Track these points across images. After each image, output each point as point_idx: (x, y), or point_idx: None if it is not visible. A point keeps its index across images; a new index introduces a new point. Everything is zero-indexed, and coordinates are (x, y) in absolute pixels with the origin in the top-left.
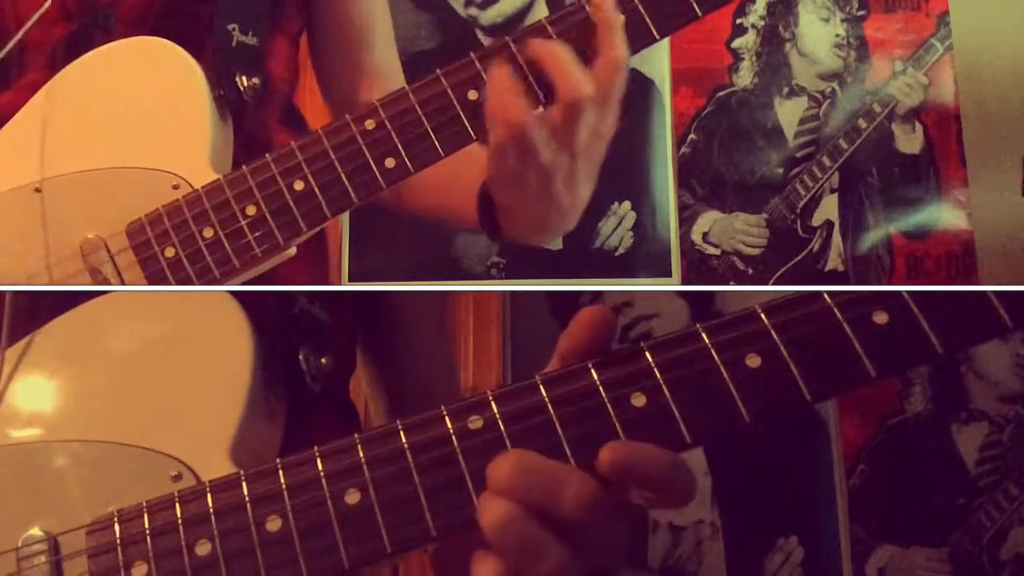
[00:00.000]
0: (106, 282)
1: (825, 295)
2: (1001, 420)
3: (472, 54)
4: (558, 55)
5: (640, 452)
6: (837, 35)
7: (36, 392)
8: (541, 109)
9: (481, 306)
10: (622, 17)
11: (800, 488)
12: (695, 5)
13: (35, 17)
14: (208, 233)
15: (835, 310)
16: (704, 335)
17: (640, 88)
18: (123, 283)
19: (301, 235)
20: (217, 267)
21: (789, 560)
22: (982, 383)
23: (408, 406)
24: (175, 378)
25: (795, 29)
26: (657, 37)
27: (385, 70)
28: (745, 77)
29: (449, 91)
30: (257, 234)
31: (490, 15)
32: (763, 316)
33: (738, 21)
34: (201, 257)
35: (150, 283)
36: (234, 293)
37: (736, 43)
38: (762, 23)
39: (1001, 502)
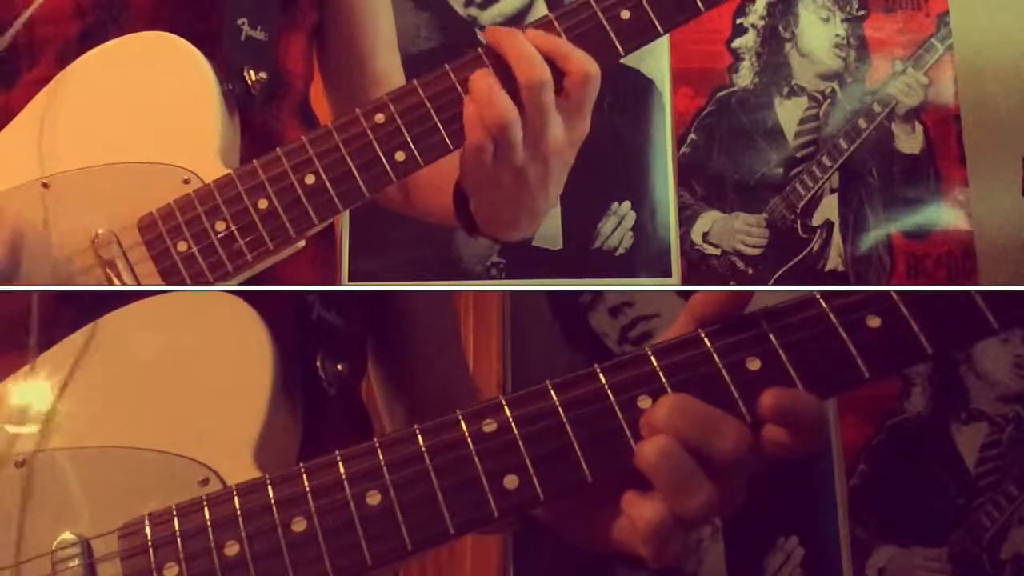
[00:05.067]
0: (119, 276)
1: (820, 300)
2: (1001, 420)
3: (479, 48)
4: (518, 44)
5: (798, 396)
6: (837, 35)
7: (65, 401)
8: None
9: (481, 306)
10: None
11: (800, 488)
12: (698, 1)
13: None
14: (220, 227)
15: (830, 314)
16: (706, 339)
17: (640, 88)
18: (136, 277)
19: (312, 228)
20: (230, 261)
21: (789, 560)
22: (982, 383)
23: (425, 406)
24: (198, 385)
25: (795, 29)
26: (661, 32)
27: (389, 77)
28: (745, 77)
29: (458, 85)
30: (269, 228)
31: (490, 15)
32: (763, 321)
33: (738, 21)
34: (214, 251)
35: (163, 277)
36: (250, 301)
37: (736, 43)
38: (762, 23)
39: (1001, 502)
